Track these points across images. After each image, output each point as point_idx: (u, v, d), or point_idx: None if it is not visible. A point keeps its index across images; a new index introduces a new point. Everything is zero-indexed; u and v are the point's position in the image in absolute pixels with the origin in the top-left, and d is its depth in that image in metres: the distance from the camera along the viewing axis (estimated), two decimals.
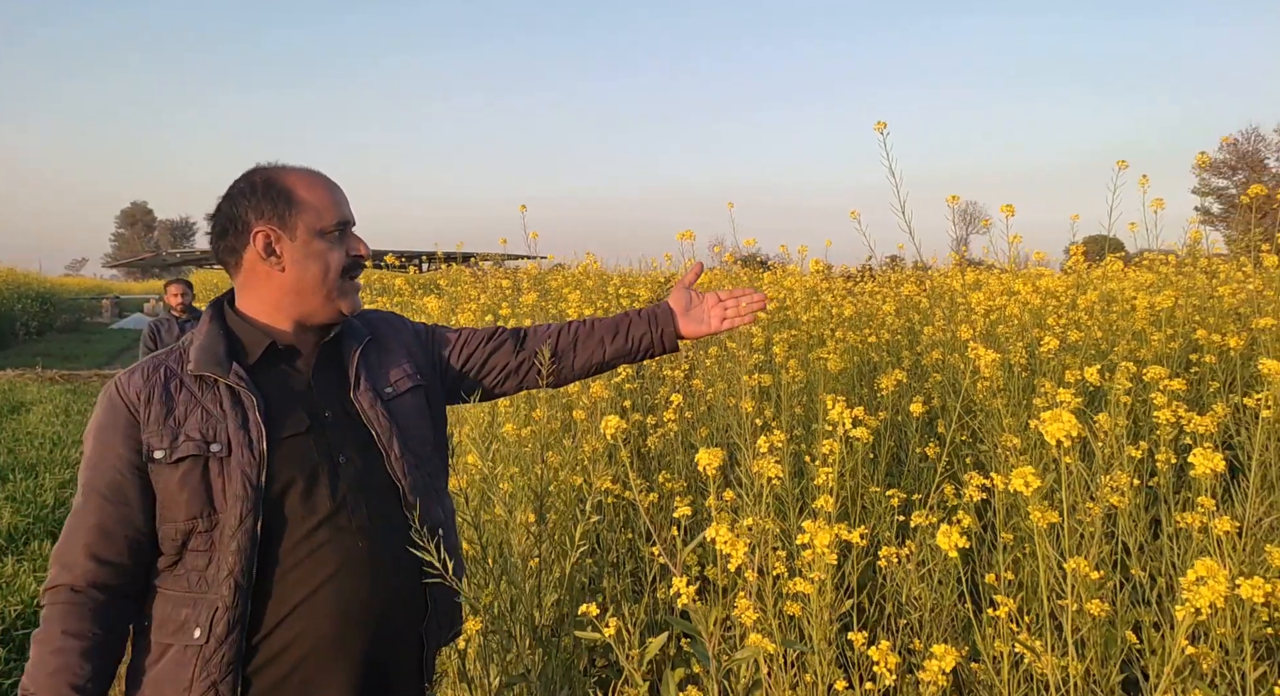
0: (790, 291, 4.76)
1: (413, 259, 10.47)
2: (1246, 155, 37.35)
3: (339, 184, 1.57)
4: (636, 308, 1.85)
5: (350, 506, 1.43)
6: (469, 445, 3.05)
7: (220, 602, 1.33)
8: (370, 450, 1.49)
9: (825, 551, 1.38)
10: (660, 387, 4.23)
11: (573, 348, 1.79)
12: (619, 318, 1.84)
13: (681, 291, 1.84)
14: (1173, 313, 4.02)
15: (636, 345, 1.80)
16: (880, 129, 2.50)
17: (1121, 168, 2.87)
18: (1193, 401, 3.28)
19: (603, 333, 1.80)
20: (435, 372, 1.72)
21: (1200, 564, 1.18)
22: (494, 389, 1.79)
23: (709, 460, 1.42)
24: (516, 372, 1.77)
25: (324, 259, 1.48)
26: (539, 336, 1.80)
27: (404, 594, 1.49)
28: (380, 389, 1.56)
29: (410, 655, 1.52)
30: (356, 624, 1.41)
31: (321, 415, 1.47)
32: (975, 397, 3.01)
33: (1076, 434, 1.28)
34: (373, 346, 1.62)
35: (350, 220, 1.55)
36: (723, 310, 1.79)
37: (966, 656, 2.12)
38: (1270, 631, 1.63)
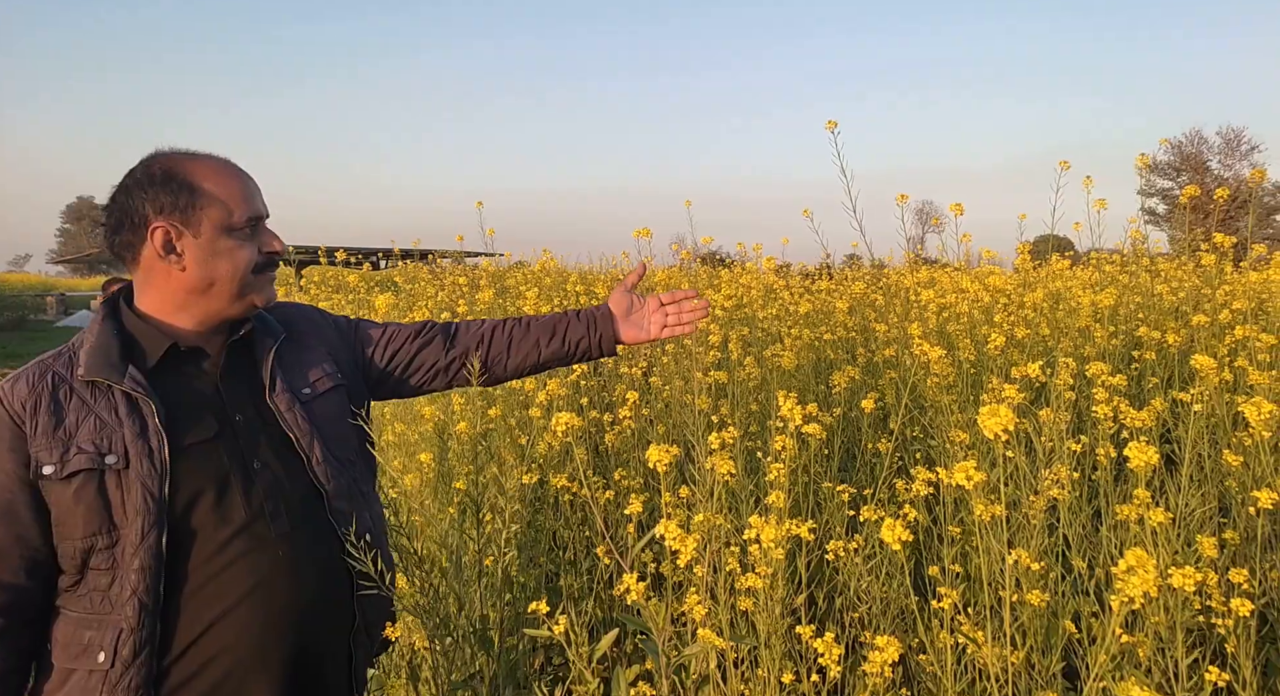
0: (747, 289, 4.80)
1: (369, 256, 10.33)
2: (1190, 157, 38.48)
3: (251, 176, 1.46)
4: (575, 308, 1.80)
5: (269, 515, 1.35)
6: (422, 444, 3.03)
7: (125, 624, 1.24)
8: (289, 454, 1.41)
9: (771, 546, 1.39)
10: (617, 385, 4.23)
11: (506, 348, 1.72)
12: (556, 318, 1.77)
13: (622, 294, 1.79)
14: (1116, 310, 4.14)
15: (573, 349, 1.74)
16: (831, 127, 2.53)
17: (1064, 168, 2.94)
18: (1135, 397, 3.38)
19: (539, 334, 1.73)
20: (358, 370, 1.64)
21: (1130, 554, 1.21)
22: (421, 387, 1.72)
23: (659, 457, 1.43)
24: (446, 371, 1.70)
25: (232, 258, 1.38)
26: (471, 334, 1.73)
27: (331, 605, 1.43)
28: (298, 390, 1.47)
29: (339, 668, 1.46)
30: (280, 639, 1.34)
31: (232, 419, 1.38)
32: (925, 394, 3.06)
33: (1013, 428, 1.31)
34: (289, 344, 1.52)
35: (263, 214, 1.45)
36: (664, 317, 1.76)
37: (917, 648, 2.16)
38: (1202, 619, 1.69)
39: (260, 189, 1.46)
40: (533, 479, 2.91)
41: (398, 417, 3.38)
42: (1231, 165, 37.64)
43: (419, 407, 3.11)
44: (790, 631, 1.87)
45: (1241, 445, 2.14)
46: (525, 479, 2.87)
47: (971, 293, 3.27)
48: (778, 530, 1.36)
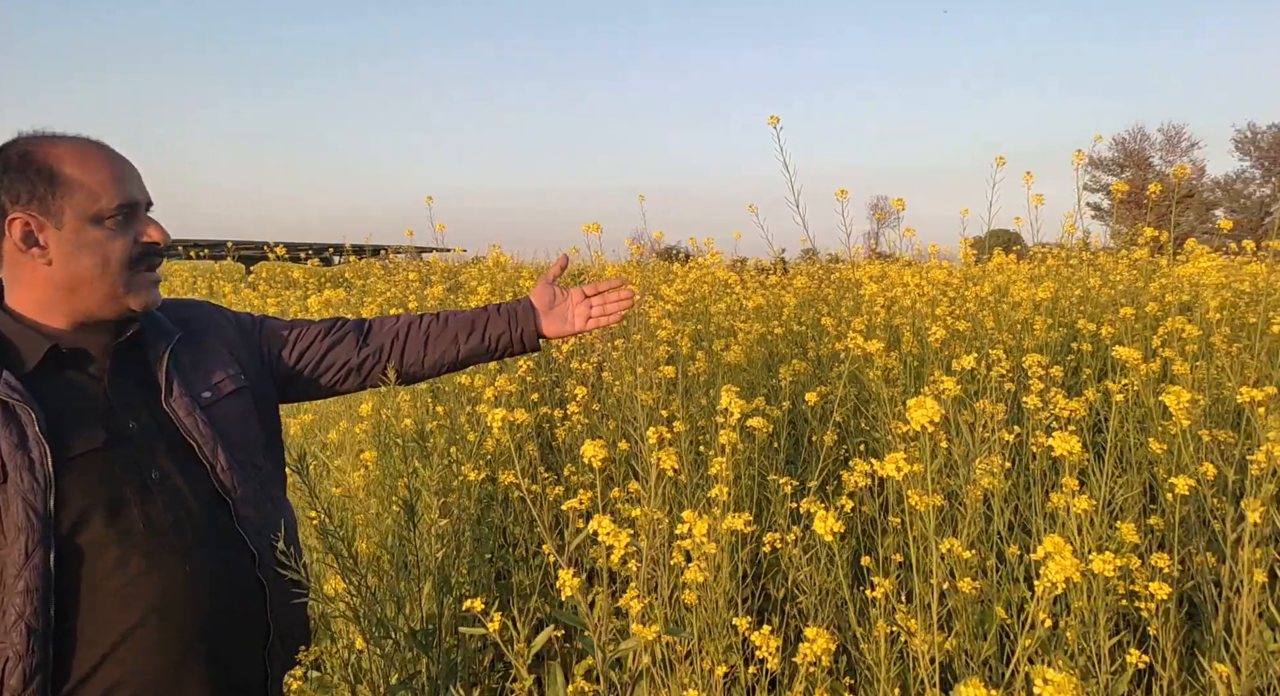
0: (699, 283, 4.82)
1: (320, 251, 10.15)
2: (1133, 153, 39.55)
3: (127, 159, 1.33)
4: (497, 303, 1.76)
5: (170, 528, 1.26)
6: (367, 441, 2.99)
7: (13, 651, 1.14)
8: (191, 462, 1.33)
9: (703, 540, 1.40)
10: (568, 380, 4.22)
11: (424, 345, 1.66)
12: (475, 313, 1.72)
13: (545, 286, 1.75)
14: (1056, 303, 4.24)
15: (494, 344, 1.70)
16: (773, 123, 2.55)
17: (1000, 164, 3.00)
18: (1072, 387, 3.47)
19: (457, 329, 1.68)
20: (264, 369, 1.55)
21: (1048, 540, 1.24)
22: (334, 386, 1.64)
23: (594, 453, 1.43)
24: (359, 370, 1.63)
25: (100, 250, 1.26)
26: (385, 331, 1.66)
27: (243, 619, 1.36)
28: (197, 394, 1.38)
29: (255, 683, 1.40)
30: (191, 658, 1.28)
31: (124, 427, 1.28)
32: (869, 386, 3.11)
33: (939, 420, 1.33)
34: (185, 345, 1.42)
35: (139, 200, 1.32)
36: (588, 309, 1.73)
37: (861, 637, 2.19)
38: (1125, 603, 1.74)
39: (138, 173, 1.33)
40: (479, 476, 2.90)
41: (342, 415, 3.34)
42: (1173, 161, 38.77)
43: (360, 407, 3.07)
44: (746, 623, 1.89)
45: (1167, 433, 2.21)
46: (472, 476, 2.85)
47: (912, 286, 3.32)
48: (712, 523, 1.37)
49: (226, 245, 9.96)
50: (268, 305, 4.95)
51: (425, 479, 2.38)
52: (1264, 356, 3.02)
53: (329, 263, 10.58)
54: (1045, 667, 1.10)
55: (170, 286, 8.40)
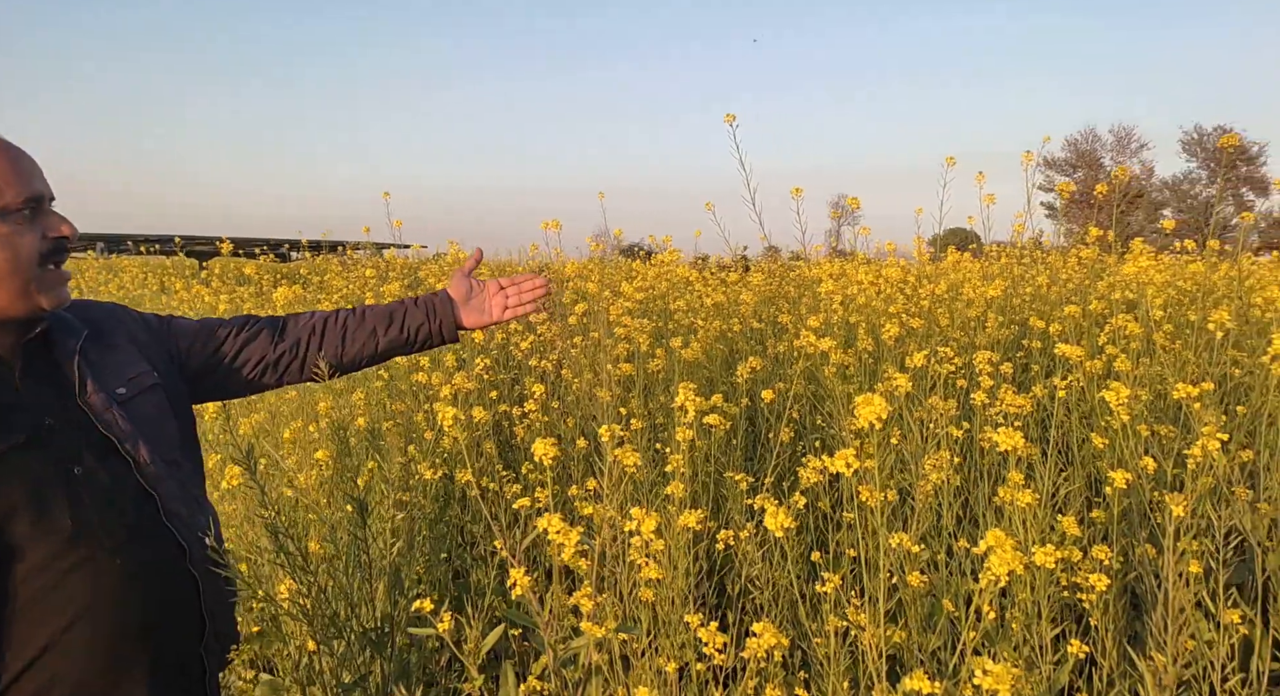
0: (658, 279, 4.83)
1: (275, 247, 9.97)
2: (1085, 154, 40.46)
3: (26, 152, 1.29)
4: (414, 296, 1.79)
5: (99, 525, 1.24)
6: (321, 440, 2.95)
7: None
8: (113, 458, 1.31)
9: (651, 537, 1.41)
10: (526, 378, 4.21)
11: (341, 339, 1.68)
12: (393, 307, 1.74)
13: (461, 279, 1.78)
14: (1009, 300, 4.32)
15: (413, 336, 1.72)
16: (730, 121, 2.56)
17: (950, 164, 3.05)
18: (1023, 384, 3.54)
19: (375, 323, 1.70)
20: (174, 367, 1.54)
21: (990, 534, 1.27)
22: (250, 384, 1.64)
23: (545, 451, 1.43)
24: (275, 367, 1.63)
25: (9, 245, 1.22)
26: (301, 326, 1.67)
27: (179, 615, 1.35)
28: (112, 390, 1.36)
29: (194, 680, 1.38)
30: (127, 656, 1.26)
31: (41, 424, 1.25)
32: (824, 384, 3.14)
33: (886, 417, 1.35)
34: (94, 344, 1.40)
35: (44, 194, 1.28)
36: (504, 299, 1.77)
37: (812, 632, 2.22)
38: (1066, 595, 1.79)
39: (39, 166, 1.30)
40: (435, 474, 2.87)
41: (297, 414, 3.29)
42: (1123, 161, 39.73)
43: (316, 405, 3.03)
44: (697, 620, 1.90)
45: (1110, 428, 2.26)
46: (428, 474, 2.83)
47: (866, 284, 3.37)
48: (665, 521, 1.37)
49: (174, 240, 9.75)
50: (220, 302, 4.86)
51: (382, 477, 2.36)
52: (1205, 353, 3.11)
53: (285, 259, 10.40)
54: (985, 659, 1.12)
55: (121, 282, 8.19)
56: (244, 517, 2.63)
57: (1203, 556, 1.73)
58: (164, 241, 10.29)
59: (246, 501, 2.83)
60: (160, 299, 6.86)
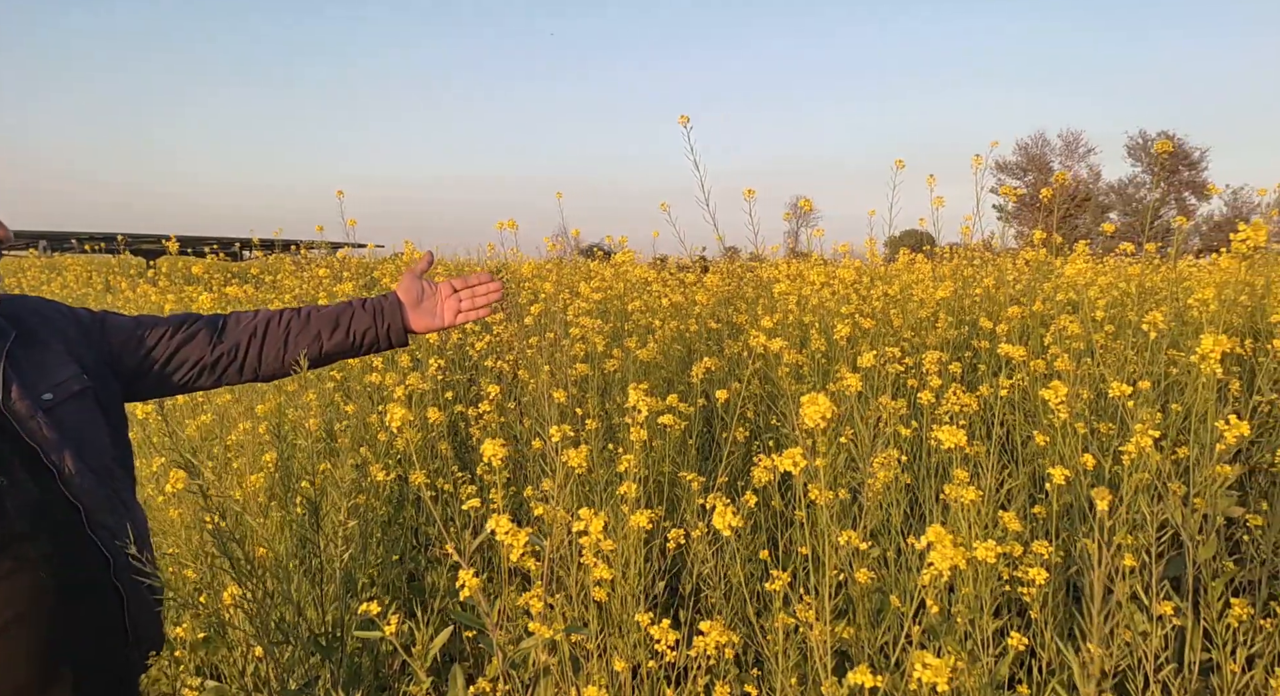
0: (614, 281, 4.83)
1: (227, 246, 9.74)
2: (1035, 158, 41.41)
3: None
4: (363, 297, 1.76)
5: (22, 537, 1.21)
6: (270, 442, 2.90)
7: None
8: (37, 467, 1.27)
9: (600, 537, 1.41)
10: (482, 378, 4.19)
11: (284, 342, 1.63)
12: (340, 309, 1.70)
13: (412, 280, 1.74)
14: (961, 301, 4.41)
15: (359, 340, 1.68)
16: (684, 122, 2.58)
17: (900, 168, 3.10)
18: (972, 383, 3.61)
19: (320, 326, 1.65)
20: (107, 369, 1.49)
21: (930, 531, 1.30)
22: (186, 384, 1.60)
23: (493, 451, 1.43)
24: (214, 368, 1.59)
25: None
26: (242, 328, 1.62)
27: (102, 625, 1.33)
28: (38, 396, 1.31)
29: (120, 686, 1.38)
30: (53, 667, 1.24)
31: None
32: (778, 383, 3.18)
33: (830, 416, 1.37)
34: (21, 345, 1.35)
35: None
36: (457, 303, 1.73)
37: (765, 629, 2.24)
38: (1008, 589, 1.83)
39: None
40: (388, 476, 2.84)
41: (244, 416, 3.23)
42: (1071, 166, 40.76)
43: (260, 407, 2.98)
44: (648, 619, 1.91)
45: (1053, 426, 2.32)
46: (380, 476, 2.80)
47: (818, 285, 3.41)
48: (617, 521, 1.38)
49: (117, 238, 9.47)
50: (167, 301, 4.75)
51: (336, 479, 2.33)
52: (1145, 352, 3.21)
53: (237, 258, 10.19)
54: (926, 653, 1.15)
55: (64, 281, 7.96)
56: (189, 523, 2.57)
57: (1138, 551, 1.78)
58: (108, 239, 10.01)
59: (192, 506, 2.78)
60: (105, 298, 6.69)
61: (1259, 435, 3.09)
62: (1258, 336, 3.87)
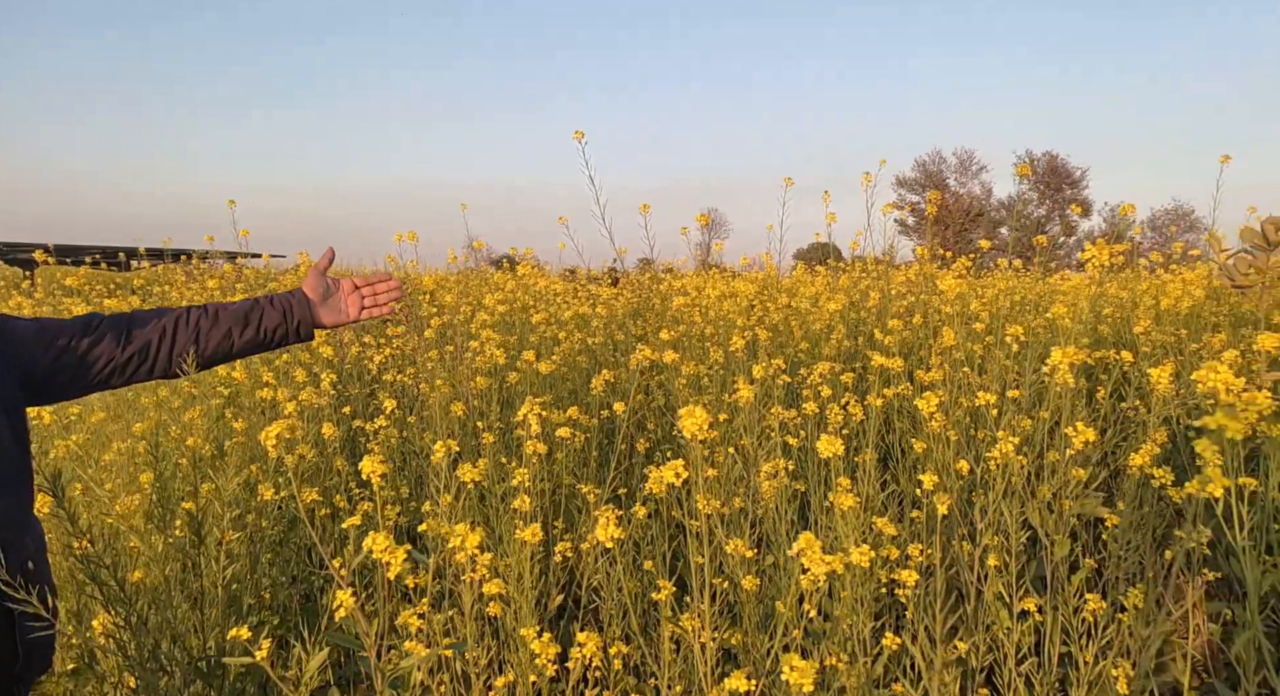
0: (517, 293, 4.82)
1: (110, 255, 9.22)
2: (932, 174, 43.20)
3: None
4: (268, 294, 1.78)
5: None
6: (147, 462, 2.78)
7: None
8: None
9: (476, 552, 1.41)
10: (381, 393, 4.11)
11: (194, 340, 1.62)
12: (248, 306, 1.71)
13: (318, 277, 1.78)
14: (858, 313, 4.57)
15: (269, 336, 1.70)
16: (578, 138, 2.60)
17: (789, 184, 3.21)
18: (865, 392, 3.75)
19: (230, 322, 1.66)
20: (9, 376, 1.44)
21: (801, 538, 1.34)
22: (94, 386, 1.57)
23: (371, 468, 1.41)
24: (124, 370, 1.56)
25: None
26: (150, 328, 1.60)
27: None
28: None
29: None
30: None
31: None
32: (676, 395, 3.22)
33: (708, 427, 1.41)
34: None
35: None
36: (359, 299, 1.79)
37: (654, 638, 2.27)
38: (884, 590, 1.91)
39: None
40: (277, 495, 2.76)
41: (119, 434, 3.08)
42: (965, 183, 42.68)
43: (138, 425, 2.85)
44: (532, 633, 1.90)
45: (932, 434, 2.43)
46: (267, 494, 2.71)
47: (713, 299, 3.48)
48: (484, 536, 1.38)
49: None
50: (42, 314, 4.48)
51: (219, 498, 2.24)
52: (1026, 362, 3.39)
53: (123, 267, 9.68)
54: (793, 656, 1.19)
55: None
56: (56, 550, 2.43)
57: (1002, 551, 1.88)
58: None
59: (59, 531, 2.63)
60: None
61: (1123, 439, 3.31)
62: (1128, 346, 4.14)
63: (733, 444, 2.65)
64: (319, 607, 3.08)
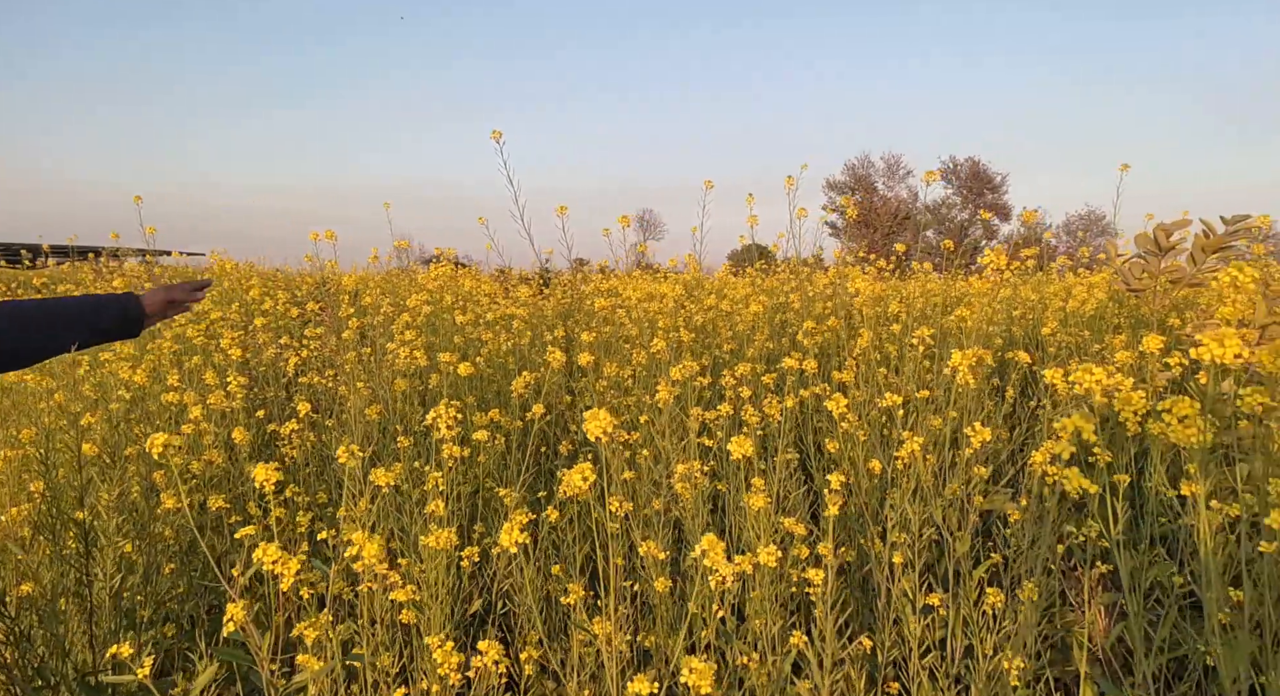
0: (440, 293, 4.74)
1: (8, 251, 8.72)
2: (861, 178, 44.18)
3: None
4: (97, 293, 1.89)
5: None
6: (35, 467, 2.64)
7: None
8: None
9: (374, 561, 1.38)
10: (297, 396, 3.99)
11: (23, 330, 1.62)
12: (80, 302, 1.76)
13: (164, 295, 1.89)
14: (784, 314, 4.63)
15: (89, 331, 1.74)
16: (496, 138, 2.57)
17: (709, 187, 3.23)
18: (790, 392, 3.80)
19: (58, 315, 1.68)
20: None
21: (704, 539, 1.35)
22: None
23: (265, 476, 1.36)
24: None
25: None
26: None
27: None
28: None
29: None
30: None
31: None
32: (600, 395, 3.21)
33: (612, 429, 1.40)
34: None
35: None
36: (168, 294, 1.90)
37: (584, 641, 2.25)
38: (794, 590, 1.93)
39: None
40: (179, 503, 2.65)
41: (4, 443, 2.92)
42: (893, 186, 43.77)
43: (25, 432, 2.71)
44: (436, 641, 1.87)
45: (845, 435, 2.48)
46: (169, 502, 2.60)
47: (635, 302, 3.48)
48: (380, 545, 1.35)
49: None
50: None
51: (115, 507, 2.14)
52: (942, 362, 3.48)
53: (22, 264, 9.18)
54: (693, 658, 1.19)
55: None
56: None
57: (906, 547, 1.92)
58: None
59: None
60: None
61: (1028, 437, 3.43)
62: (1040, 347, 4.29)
63: (648, 446, 2.66)
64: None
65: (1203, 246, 2.76)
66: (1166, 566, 1.97)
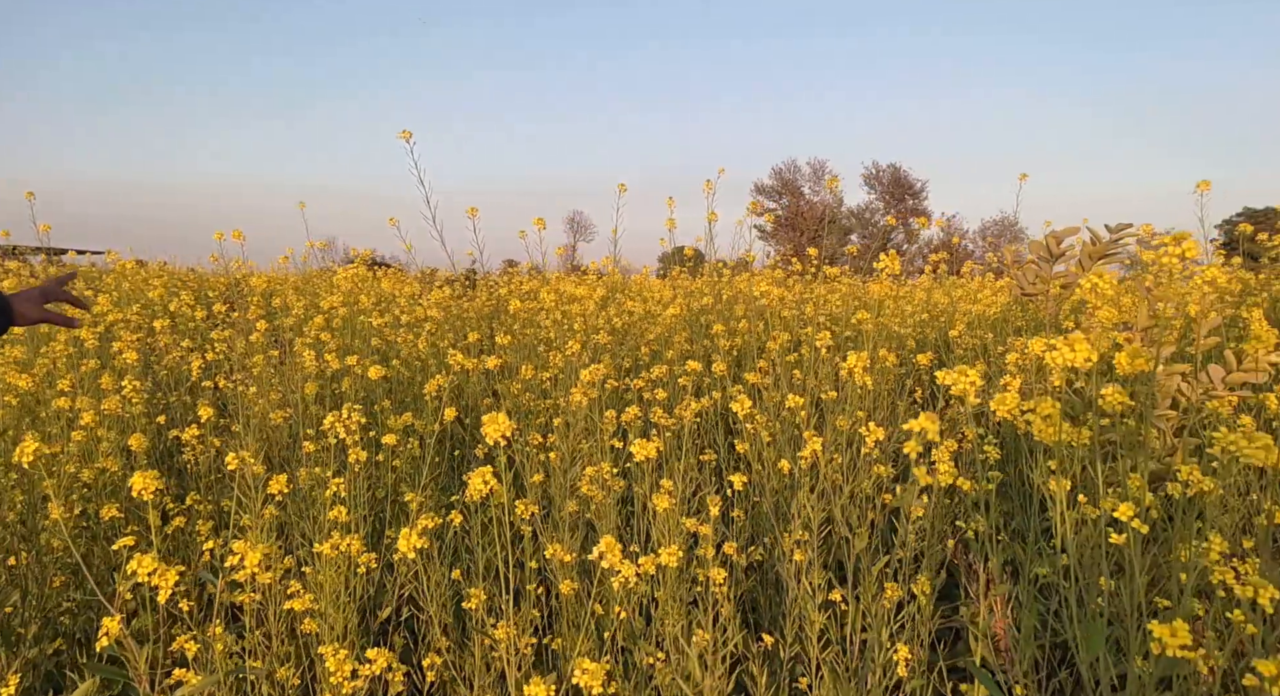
0: (354, 295, 4.63)
1: None
2: (788, 183, 44.97)
3: None
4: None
5: None
6: None
7: None
8: None
9: (257, 570, 1.34)
10: (200, 401, 3.85)
11: None
12: None
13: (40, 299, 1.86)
14: (705, 316, 4.68)
15: None
16: (406, 138, 2.53)
17: (622, 191, 3.25)
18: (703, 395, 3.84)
19: None
20: None
21: (604, 541, 1.35)
22: None
23: (143, 485, 1.31)
24: None
25: None
26: None
27: None
28: None
29: None
30: None
31: None
32: (516, 398, 3.19)
33: (510, 434, 1.40)
34: None
35: None
36: (41, 289, 1.88)
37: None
38: (699, 589, 1.95)
39: None
40: (69, 512, 2.53)
41: None
42: (819, 191, 44.66)
43: None
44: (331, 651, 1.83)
45: (752, 435, 2.51)
46: (55, 513, 2.48)
47: (550, 305, 3.48)
48: (263, 554, 1.31)
49: None
50: None
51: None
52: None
53: None
54: (584, 659, 1.19)
55: None
56: None
57: (807, 546, 1.96)
58: None
59: None
60: None
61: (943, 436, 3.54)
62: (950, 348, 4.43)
63: (559, 449, 2.65)
64: (128, 631, 2.86)
65: (1090, 253, 2.90)
66: (1052, 559, 2.06)
